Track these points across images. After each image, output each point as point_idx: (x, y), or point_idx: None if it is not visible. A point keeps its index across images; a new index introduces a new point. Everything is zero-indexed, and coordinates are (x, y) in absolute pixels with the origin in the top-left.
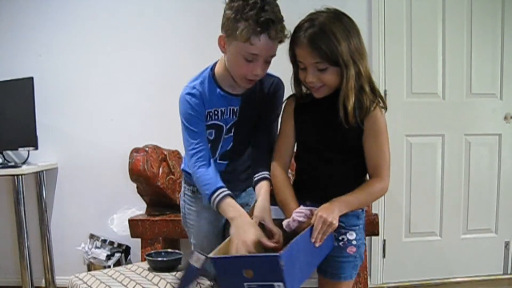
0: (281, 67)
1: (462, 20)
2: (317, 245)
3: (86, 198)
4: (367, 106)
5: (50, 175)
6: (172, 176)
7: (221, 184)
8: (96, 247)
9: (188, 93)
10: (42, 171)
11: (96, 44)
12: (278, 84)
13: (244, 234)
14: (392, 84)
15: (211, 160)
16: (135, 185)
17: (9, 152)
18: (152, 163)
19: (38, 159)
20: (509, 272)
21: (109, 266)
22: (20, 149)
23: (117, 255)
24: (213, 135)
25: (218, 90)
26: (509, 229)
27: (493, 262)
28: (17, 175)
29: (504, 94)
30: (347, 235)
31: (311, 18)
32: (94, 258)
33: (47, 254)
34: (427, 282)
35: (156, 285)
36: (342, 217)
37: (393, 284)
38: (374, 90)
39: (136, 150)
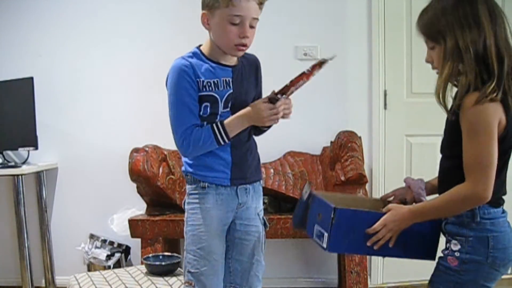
0: None
1: None
2: (375, 247)
3: (86, 198)
4: (460, 90)
5: (50, 175)
6: (172, 176)
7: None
8: (96, 247)
9: (183, 63)
10: (42, 171)
11: (96, 44)
12: (256, 58)
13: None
14: (392, 84)
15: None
16: (135, 185)
17: (9, 152)
18: (152, 163)
19: (38, 159)
20: (509, 272)
21: (109, 266)
22: (20, 149)
23: (117, 255)
24: (208, 111)
25: (207, 62)
26: None
27: None
28: (17, 175)
29: None
30: (451, 244)
31: None
32: (94, 258)
33: (47, 254)
34: (427, 282)
35: None
36: (448, 223)
37: (393, 284)
38: (488, 72)
39: (136, 150)
